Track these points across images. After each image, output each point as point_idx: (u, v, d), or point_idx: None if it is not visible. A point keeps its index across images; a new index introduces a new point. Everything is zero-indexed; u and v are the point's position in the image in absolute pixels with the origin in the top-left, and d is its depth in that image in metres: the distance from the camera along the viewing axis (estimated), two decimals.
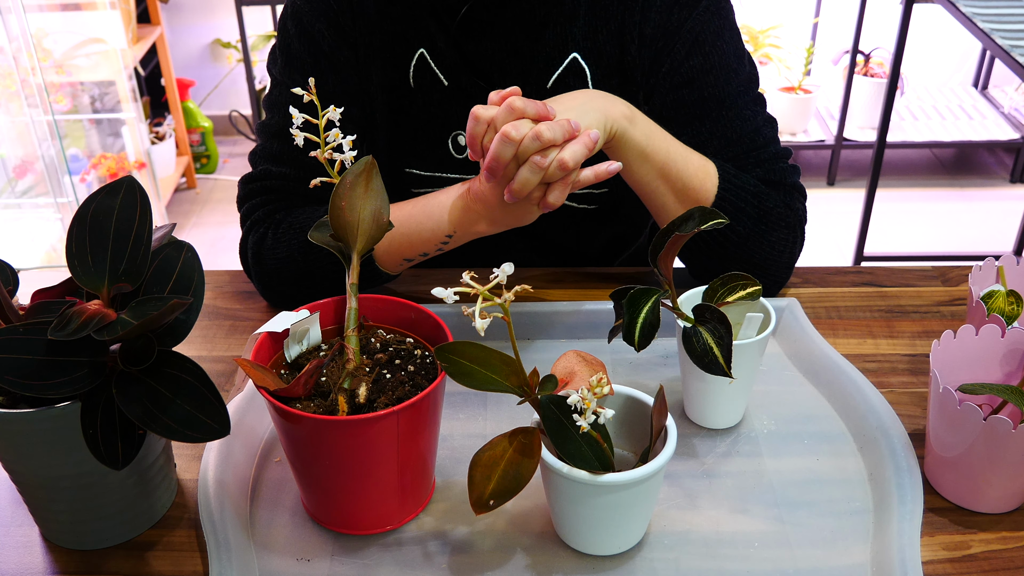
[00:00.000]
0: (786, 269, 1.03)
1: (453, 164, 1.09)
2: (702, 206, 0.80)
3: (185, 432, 0.67)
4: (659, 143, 0.94)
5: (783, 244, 1.01)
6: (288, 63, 1.07)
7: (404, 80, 1.07)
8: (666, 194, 0.97)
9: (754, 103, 1.04)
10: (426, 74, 1.06)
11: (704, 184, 0.96)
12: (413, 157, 1.09)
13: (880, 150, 2.51)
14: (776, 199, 1.00)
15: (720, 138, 1.02)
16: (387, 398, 0.73)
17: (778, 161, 1.03)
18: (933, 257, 2.85)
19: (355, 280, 0.77)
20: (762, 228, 0.99)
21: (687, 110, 1.02)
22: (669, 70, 1.03)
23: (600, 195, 1.10)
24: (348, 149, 0.78)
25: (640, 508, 0.74)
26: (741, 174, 0.99)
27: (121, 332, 0.65)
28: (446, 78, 1.06)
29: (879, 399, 0.87)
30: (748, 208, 0.98)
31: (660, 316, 0.78)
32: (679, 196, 0.97)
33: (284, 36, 1.08)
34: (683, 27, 1.02)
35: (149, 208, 0.72)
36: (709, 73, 1.02)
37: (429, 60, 1.06)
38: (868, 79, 3.26)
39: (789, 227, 1.01)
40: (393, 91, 1.08)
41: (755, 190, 0.99)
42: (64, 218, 2.76)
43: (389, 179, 1.11)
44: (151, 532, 0.78)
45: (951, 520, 0.78)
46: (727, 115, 1.02)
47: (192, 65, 3.57)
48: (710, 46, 1.02)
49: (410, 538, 0.77)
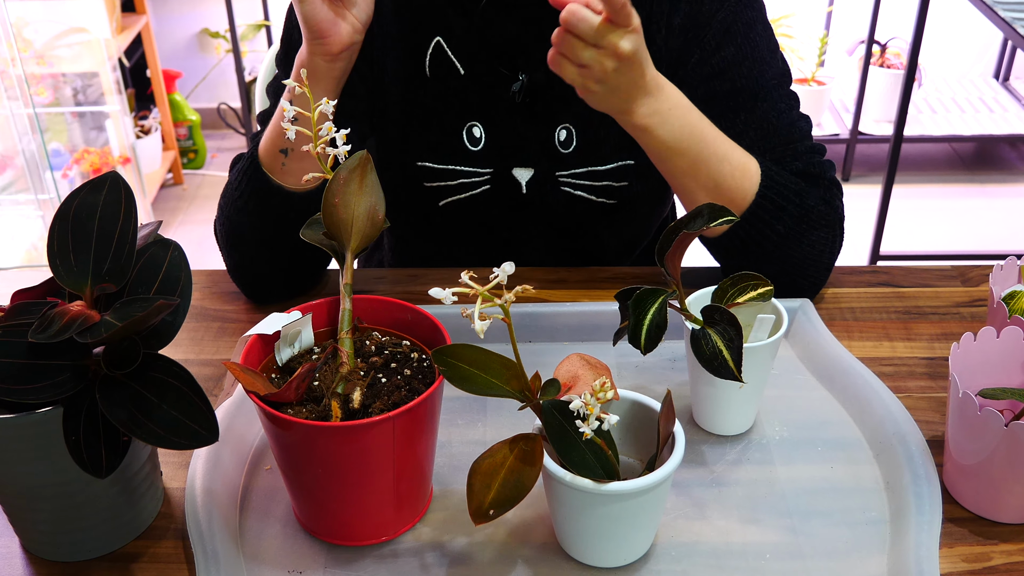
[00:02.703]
0: (825, 271, 1.04)
1: (467, 156, 1.09)
2: (711, 203, 0.80)
3: (172, 439, 0.67)
4: (689, 142, 0.95)
5: (823, 244, 1.01)
6: (287, 53, 1.08)
7: (419, 70, 1.08)
8: (696, 191, 0.98)
9: (788, 98, 1.05)
10: (442, 62, 1.07)
11: (742, 183, 0.97)
12: (426, 150, 1.10)
13: (897, 144, 2.51)
14: (816, 197, 1.01)
15: (756, 129, 1.02)
16: (382, 403, 0.73)
17: (815, 154, 1.04)
18: (952, 256, 2.85)
19: (349, 280, 0.77)
20: (802, 227, 0.99)
21: (720, 102, 1.03)
22: (699, 60, 1.04)
23: (620, 189, 1.11)
24: (342, 143, 0.78)
25: (646, 518, 0.74)
26: (783, 172, 1.00)
27: (105, 334, 0.65)
28: (463, 66, 1.07)
29: (896, 404, 0.87)
30: (790, 207, 0.98)
31: (667, 317, 0.78)
32: (711, 194, 0.97)
33: (289, 25, 1.09)
34: (715, 17, 1.03)
35: (134, 205, 0.72)
36: (742, 64, 1.03)
37: (446, 48, 1.07)
38: (884, 70, 3.26)
39: (829, 226, 1.02)
40: (408, 81, 1.09)
41: (797, 188, 0.99)
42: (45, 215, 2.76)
43: (402, 174, 1.12)
44: (136, 543, 0.78)
45: (971, 531, 0.78)
46: (762, 107, 1.03)
47: (179, 56, 3.58)
48: (743, 37, 1.03)
49: (406, 549, 0.77)
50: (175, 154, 3.36)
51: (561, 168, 1.09)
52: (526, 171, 1.10)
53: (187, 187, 3.41)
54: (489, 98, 1.08)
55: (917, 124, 3.23)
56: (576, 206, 1.11)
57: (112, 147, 2.98)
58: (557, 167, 1.09)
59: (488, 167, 1.09)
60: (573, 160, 1.09)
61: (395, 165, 1.12)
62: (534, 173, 1.10)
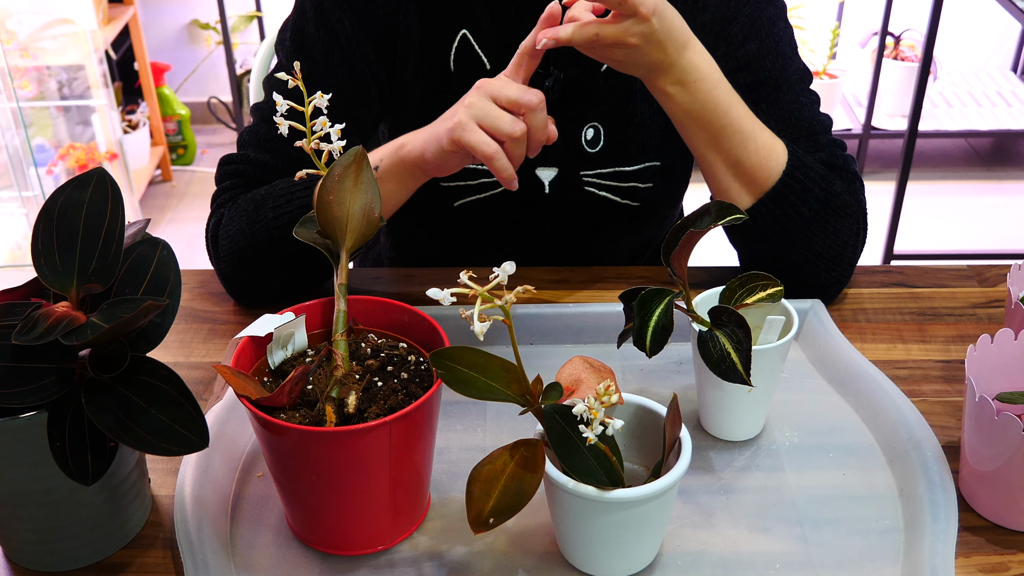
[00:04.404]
0: (848, 266, 1.05)
1: None
2: (718, 201, 0.80)
3: (160, 444, 0.67)
4: (713, 116, 0.97)
5: (847, 234, 1.03)
6: (298, 48, 1.07)
7: (443, 64, 1.09)
8: (717, 165, 1.00)
9: (809, 94, 1.08)
10: (469, 57, 1.08)
11: (766, 163, 0.99)
12: None
13: (911, 140, 2.51)
14: (841, 185, 1.03)
15: (778, 120, 1.05)
16: (378, 408, 0.73)
17: (837, 147, 1.06)
18: (968, 255, 2.85)
19: (344, 280, 0.77)
20: (827, 213, 1.01)
21: (743, 94, 1.04)
22: (725, 53, 1.06)
23: (645, 190, 1.11)
24: (336, 139, 0.78)
25: (652, 527, 0.74)
26: (809, 156, 1.02)
27: (91, 336, 0.65)
28: (490, 61, 1.08)
29: (910, 409, 0.87)
30: (816, 190, 1.00)
31: (674, 319, 0.78)
32: (733, 170, 0.99)
33: (299, 16, 1.08)
34: (741, 12, 1.06)
35: (121, 202, 0.72)
36: (766, 57, 1.06)
37: (472, 42, 1.07)
38: (898, 63, 3.26)
39: (854, 216, 1.03)
40: (431, 76, 1.09)
41: (823, 172, 1.01)
42: (29, 213, 2.76)
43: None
44: (123, 552, 0.78)
45: (988, 539, 0.78)
46: (784, 99, 1.06)
47: (168, 48, 3.58)
48: (767, 32, 1.07)
49: (403, 559, 0.77)
50: (164, 150, 3.37)
51: (586, 168, 1.10)
52: (550, 170, 1.10)
53: (176, 184, 3.41)
54: None
55: (932, 119, 3.23)
56: (598, 207, 1.12)
57: (98, 142, 2.98)
58: (582, 167, 1.10)
59: None
60: (599, 160, 1.10)
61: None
62: (558, 173, 1.10)
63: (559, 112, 1.08)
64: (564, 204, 1.12)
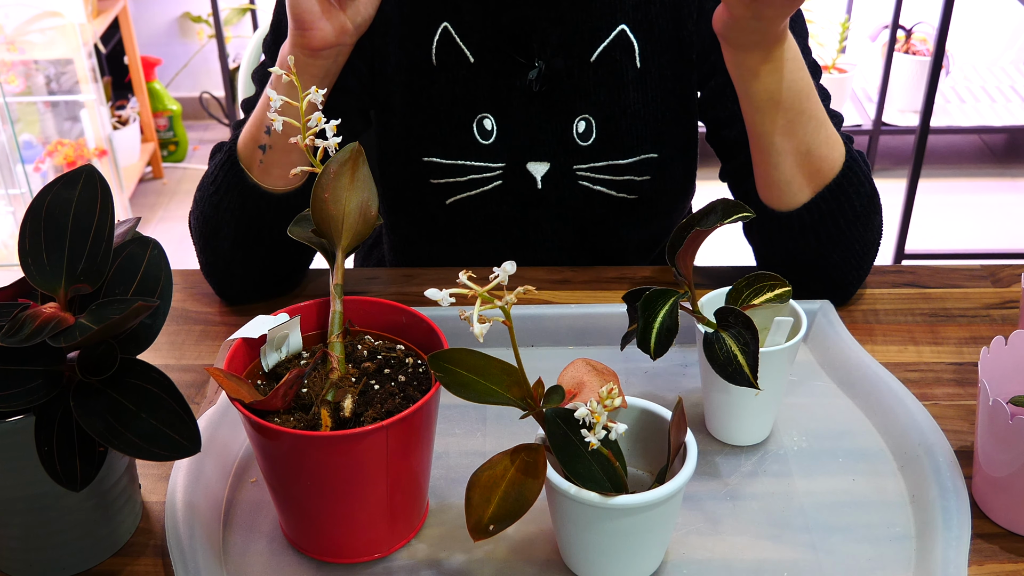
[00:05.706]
0: (871, 264, 1.06)
1: (478, 150, 1.09)
2: (724, 199, 0.80)
3: (151, 449, 0.67)
4: (796, 99, 0.95)
5: (879, 232, 1.04)
6: (276, 40, 1.08)
7: (426, 58, 1.08)
8: (786, 153, 0.97)
9: (820, 89, 1.06)
10: (450, 50, 1.08)
11: (831, 153, 0.99)
12: (434, 144, 1.10)
13: (923, 136, 2.51)
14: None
15: None
16: (375, 411, 0.73)
17: (850, 143, 1.05)
18: (982, 255, 2.85)
19: (340, 281, 0.77)
20: (870, 209, 1.01)
21: None
22: None
23: (642, 183, 1.11)
24: (332, 135, 0.78)
25: (656, 534, 0.74)
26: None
27: (80, 338, 0.65)
28: (472, 54, 1.07)
29: (922, 413, 0.87)
30: (866, 184, 1.01)
31: (679, 320, 0.78)
32: (801, 159, 0.97)
33: (279, 9, 1.09)
34: None
35: (111, 200, 0.72)
36: None
37: (454, 34, 1.07)
38: (910, 57, 3.26)
39: (880, 212, 1.04)
40: (413, 71, 1.09)
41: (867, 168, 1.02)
42: (16, 211, 2.76)
43: (406, 170, 1.11)
44: (113, 560, 0.78)
45: (1002, 547, 0.78)
46: None
47: (158, 42, 3.58)
48: None
49: (401, 567, 0.77)
50: (154, 146, 3.37)
51: (579, 161, 1.10)
52: (541, 165, 1.10)
53: (167, 181, 3.42)
54: (501, 88, 1.08)
55: (944, 114, 3.23)
56: (595, 202, 1.12)
57: (87, 139, 2.98)
58: (575, 160, 1.10)
59: (500, 161, 1.09)
60: (592, 153, 1.09)
61: (399, 161, 1.12)
62: (550, 167, 1.10)
63: (548, 105, 1.08)
64: (559, 200, 1.12)
